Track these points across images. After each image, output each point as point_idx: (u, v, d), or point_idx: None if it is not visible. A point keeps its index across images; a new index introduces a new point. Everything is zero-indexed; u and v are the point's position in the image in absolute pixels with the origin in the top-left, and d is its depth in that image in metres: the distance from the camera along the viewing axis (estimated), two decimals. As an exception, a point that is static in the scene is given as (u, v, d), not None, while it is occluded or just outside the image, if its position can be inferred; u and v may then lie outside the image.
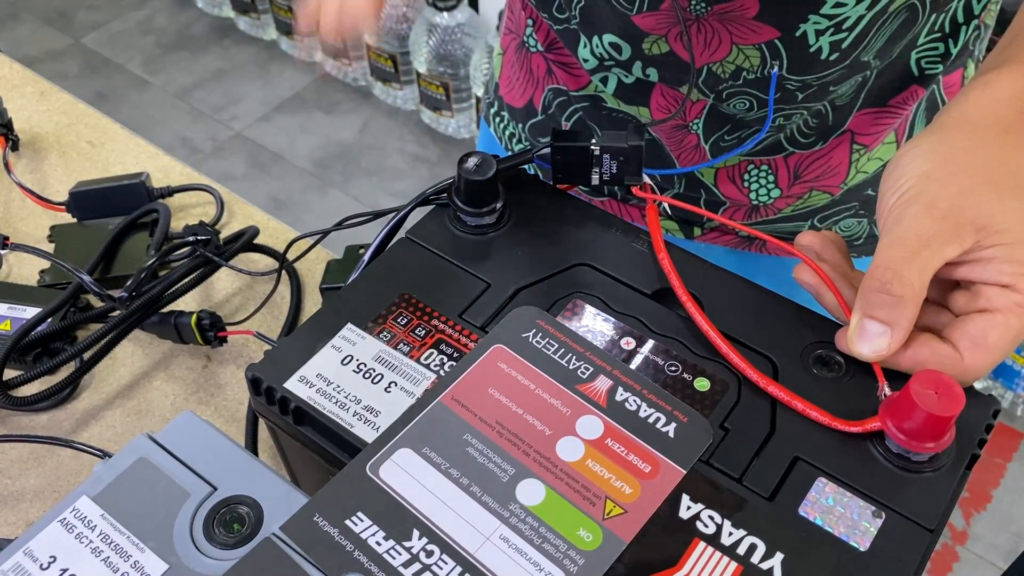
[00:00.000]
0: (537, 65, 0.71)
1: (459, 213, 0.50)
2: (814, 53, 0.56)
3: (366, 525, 0.37)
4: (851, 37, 0.55)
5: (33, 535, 0.38)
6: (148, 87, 2.25)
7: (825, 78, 0.58)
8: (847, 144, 0.64)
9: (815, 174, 0.66)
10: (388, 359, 0.44)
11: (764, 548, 0.37)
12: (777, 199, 0.68)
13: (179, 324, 0.63)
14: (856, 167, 0.66)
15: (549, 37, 0.68)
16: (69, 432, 0.61)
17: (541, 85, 0.71)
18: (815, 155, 0.65)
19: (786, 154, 0.65)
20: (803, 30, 0.54)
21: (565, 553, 0.37)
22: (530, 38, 0.70)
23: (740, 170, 0.67)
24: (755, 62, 0.57)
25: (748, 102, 0.60)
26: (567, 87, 0.69)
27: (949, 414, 0.38)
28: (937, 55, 0.60)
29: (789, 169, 0.66)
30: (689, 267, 0.48)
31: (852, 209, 0.69)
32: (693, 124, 0.64)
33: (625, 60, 0.61)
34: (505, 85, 0.76)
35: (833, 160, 0.65)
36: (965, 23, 0.60)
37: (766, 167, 0.66)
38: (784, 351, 0.44)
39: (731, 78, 0.59)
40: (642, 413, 0.41)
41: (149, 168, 0.79)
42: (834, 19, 0.54)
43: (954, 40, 0.60)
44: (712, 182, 0.68)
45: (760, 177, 0.67)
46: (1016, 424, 1.63)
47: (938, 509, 0.39)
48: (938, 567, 1.47)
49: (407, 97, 2.12)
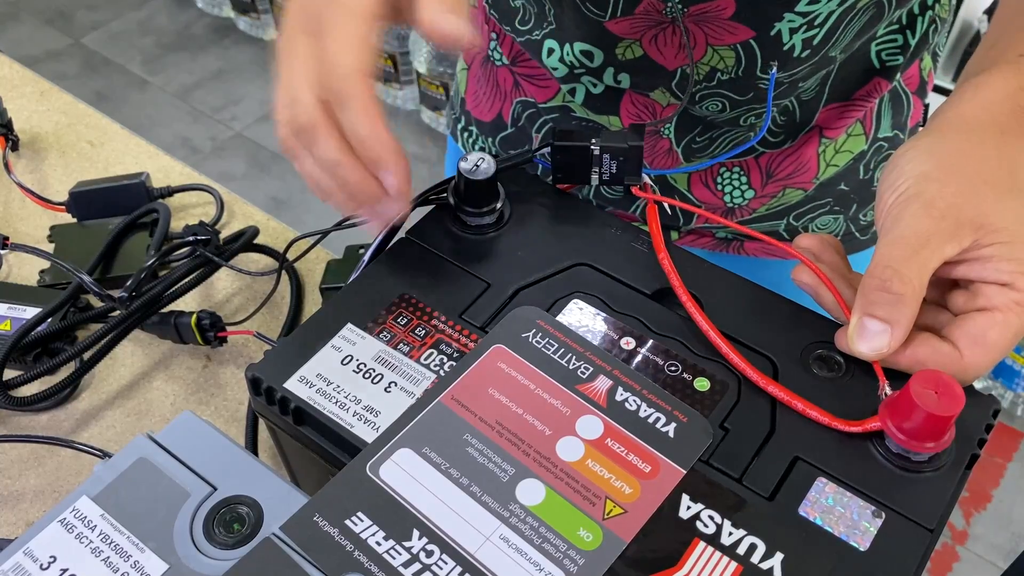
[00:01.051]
0: (503, 78, 0.71)
1: (459, 213, 0.50)
2: (787, 51, 0.56)
3: (366, 525, 0.37)
4: (822, 33, 0.55)
5: (33, 535, 0.38)
6: (148, 87, 2.26)
7: (795, 75, 0.58)
8: (816, 139, 0.65)
9: (787, 171, 0.67)
10: (388, 359, 0.44)
11: (764, 548, 0.38)
12: (752, 200, 0.68)
13: (179, 324, 0.63)
14: (825, 160, 0.66)
15: (514, 50, 0.68)
16: (69, 432, 0.61)
17: (509, 98, 0.71)
18: (785, 152, 0.66)
19: (757, 155, 0.66)
20: (778, 29, 0.55)
21: (565, 553, 0.37)
22: (495, 52, 0.70)
23: (713, 173, 0.67)
24: (729, 63, 0.57)
25: (721, 103, 0.60)
26: (535, 99, 0.69)
27: (949, 414, 0.38)
28: (896, 47, 0.61)
29: (761, 169, 0.66)
30: (689, 267, 0.48)
31: (827, 205, 0.70)
32: (664, 129, 0.65)
33: (596, 67, 0.61)
34: (471, 99, 0.76)
35: (803, 156, 0.66)
36: (920, 14, 0.61)
37: (738, 168, 0.67)
38: (784, 351, 0.44)
39: (704, 79, 0.59)
40: (642, 413, 0.41)
41: (149, 168, 0.79)
42: (807, 16, 0.54)
43: (911, 31, 0.61)
44: (686, 187, 0.68)
45: (733, 179, 0.67)
46: (1016, 424, 1.63)
47: (938, 509, 0.39)
48: (938, 567, 1.47)
49: (407, 97, 2.13)
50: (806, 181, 0.67)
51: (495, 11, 0.67)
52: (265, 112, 2.18)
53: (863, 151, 0.68)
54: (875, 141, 0.68)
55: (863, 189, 0.70)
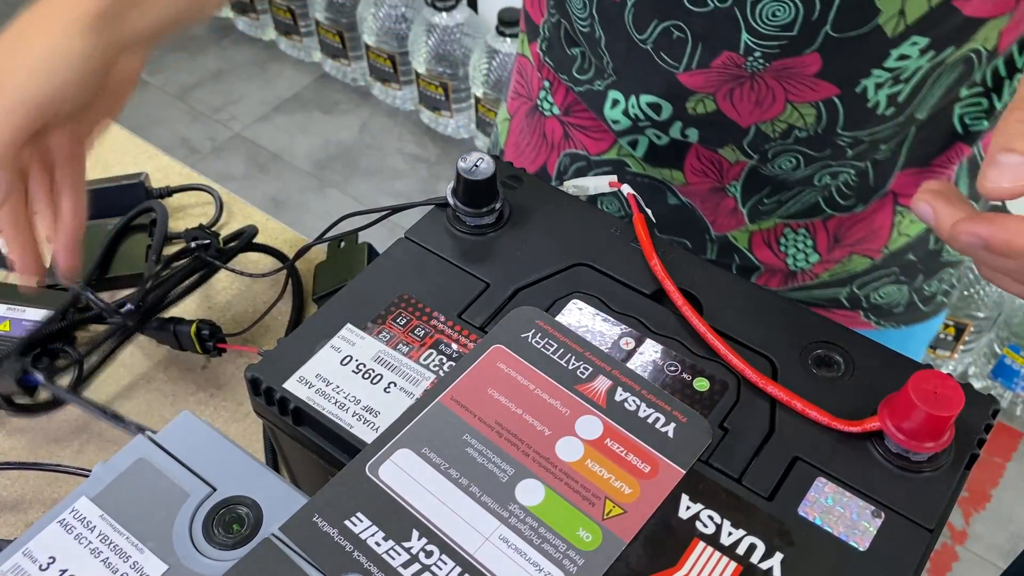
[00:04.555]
0: (552, 129, 0.68)
1: (458, 213, 0.50)
2: (871, 108, 0.53)
3: (365, 525, 0.37)
4: (907, 89, 0.52)
5: (32, 536, 0.38)
6: (147, 87, 2.25)
7: (877, 134, 0.55)
8: (890, 206, 0.62)
9: (856, 237, 0.63)
10: (387, 359, 0.44)
11: (763, 548, 0.38)
12: (815, 264, 0.64)
13: (178, 333, 0.63)
14: (898, 230, 0.63)
15: (568, 99, 0.65)
16: (69, 433, 0.61)
17: (557, 150, 0.68)
18: (856, 217, 0.62)
19: (825, 217, 0.62)
20: (864, 85, 0.52)
21: (564, 553, 0.37)
22: (544, 101, 0.67)
23: (776, 234, 0.63)
24: (809, 120, 0.54)
25: (795, 160, 0.57)
26: (587, 151, 0.66)
27: (948, 414, 0.38)
28: (980, 111, 0.58)
29: (828, 233, 0.63)
30: (689, 266, 0.48)
31: (893, 275, 0.66)
32: (731, 186, 0.61)
33: (663, 121, 0.58)
34: (512, 150, 0.73)
35: (875, 223, 0.62)
36: (1008, 76, 0.57)
37: (804, 231, 0.63)
38: (783, 351, 0.44)
39: (781, 137, 0.56)
40: (641, 413, 0.41)
41: (148, 168, 0.79)
42: (894, 71, 0.51)
43: (997, 94, 0.57)
44: (747, 246, 0.65)
45: (798, 241, 0.63)
46: (1016, 424, 1.63)
47: (937, 509, 0.39)
48: (938, 567, 1.47)
49: (406, 97, 2.12)
50: (875, 249, 0.64)
51: (550, 59, 0.64)
52: (264, 112, 2.18)
53: None
54: None
55: (931, 259, 0.66)
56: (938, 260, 0.66)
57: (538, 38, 0.66)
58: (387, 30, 1.98)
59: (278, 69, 2.28)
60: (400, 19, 1.97)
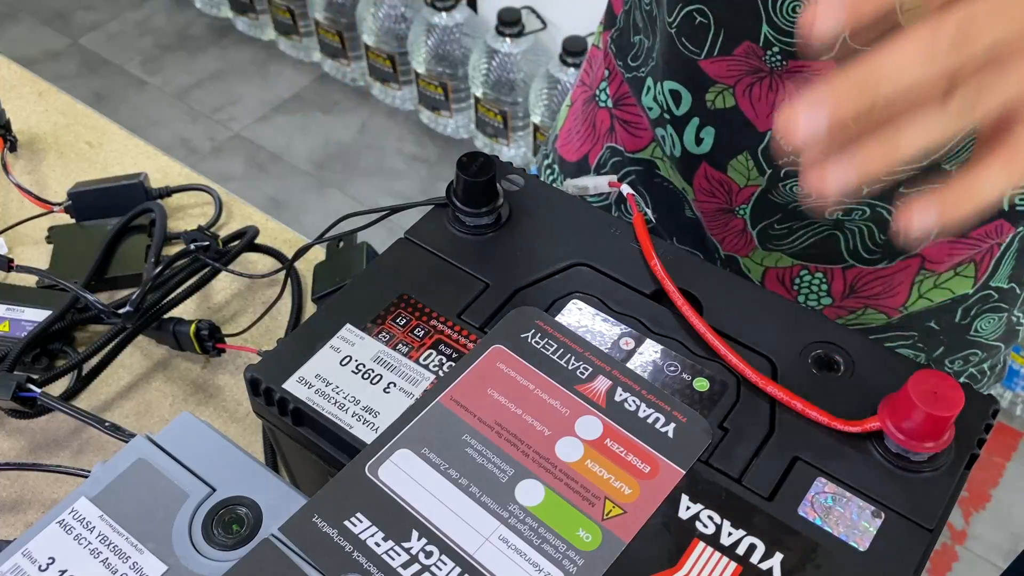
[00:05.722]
0: (602, 120, 0.68)
1: (458, 213, 0.50)
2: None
3: (365, 526, 0.37)
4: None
5: (32, 536, 0.38)
6: (146, 87, 2.25)
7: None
8: (915, 268, 0.59)
9: (873, 291, 0.60)
10: (387, 360, 0.44)
11: (763, 548, 0.37)
12: (826, 308, 0.62)
13: (178, 333, 0.63)
14: (919, 290, 0.60)
15: (620, 90, 0.65)
16: (68, 433, 0.61)
17: (601, 141, 0.68)
18: (877, 272, 0.59)
19: (845, 266, 0.59)
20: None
21: (564, 554, 0.37)
22: (602, 92, 0.67)
23: (792, 274, 0.61)
24: None
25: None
26: (624, 147, 0.66)
27: (948, 414, 0.38)
28: None
29: (845, 281, 0.60)
30: (688, 266, 0.48)
31: (911, 339, 0.62)
32: (740, 209, 0.59)
33: (681, 116, 0.57)
34: (564, 137, 0.73)
35: (895, 280, 0.59)
36: None
37: (821, 275, 0.61)
38: (783, 351, 0.44)
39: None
40: (641, 413, 0.41)
41: (147, 168, 0.79)
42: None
43: None
44: (759, 279, 0.63)
45: (813, 284, 0.61)
46: (1015, 424, 1.63)
47: (937, 509, 0.39)
48: (938, 567, 1.47)
49: (406, 97, 2.12)
50: (891, 307, 0.61)
51: (615, 45, 0.64)
52: (264, 112, 2.18)
53: (966, 294, 0.60)
54: (984, 288, 0.60)
55: (956, 334, 0.62)
56: (964, 337, 0.63)
57: (613, 27, 0.65)
58: (387, 30, 1.98)
59: (278, 69, 2.28)
60: (400, 19, 1.97)
